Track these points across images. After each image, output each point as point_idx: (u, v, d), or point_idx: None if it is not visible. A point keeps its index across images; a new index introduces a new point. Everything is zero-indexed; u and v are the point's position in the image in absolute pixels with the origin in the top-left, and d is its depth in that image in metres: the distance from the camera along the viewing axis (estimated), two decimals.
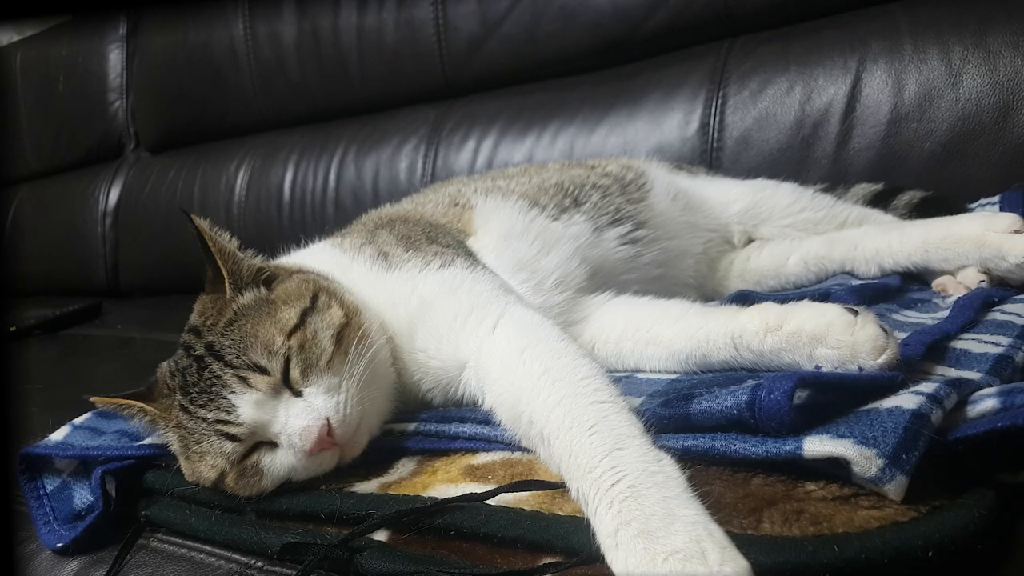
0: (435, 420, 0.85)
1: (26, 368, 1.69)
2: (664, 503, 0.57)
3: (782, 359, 0.77)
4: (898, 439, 0.57)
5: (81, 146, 3.01)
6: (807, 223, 1.27)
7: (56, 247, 3.00)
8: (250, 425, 0.78)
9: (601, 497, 0.59)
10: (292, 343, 0.80)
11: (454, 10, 2.03)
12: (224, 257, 0.86)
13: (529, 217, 1.08)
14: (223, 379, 0.79)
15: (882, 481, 0.56)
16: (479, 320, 0.85)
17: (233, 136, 2.60)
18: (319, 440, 0.77)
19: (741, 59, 1.67)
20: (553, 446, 0.68)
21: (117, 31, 2.87)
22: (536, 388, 0.72)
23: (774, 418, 0.62)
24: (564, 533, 0.62)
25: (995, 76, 1.36)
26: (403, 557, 0.65)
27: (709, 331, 0.83)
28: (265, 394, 0.78)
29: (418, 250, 0.95)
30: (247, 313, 0.84)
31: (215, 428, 0.79)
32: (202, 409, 0.80)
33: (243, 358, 0.80)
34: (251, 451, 0.80)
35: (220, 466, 0.79)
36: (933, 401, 0.62)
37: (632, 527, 0.56)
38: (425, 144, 2.10)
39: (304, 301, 0.85)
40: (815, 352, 0.74)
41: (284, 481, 0.80)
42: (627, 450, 0.62)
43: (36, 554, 0.88)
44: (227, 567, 0.76)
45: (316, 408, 0.78)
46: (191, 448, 0.81)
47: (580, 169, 1.32)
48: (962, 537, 0.53)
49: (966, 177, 1.38)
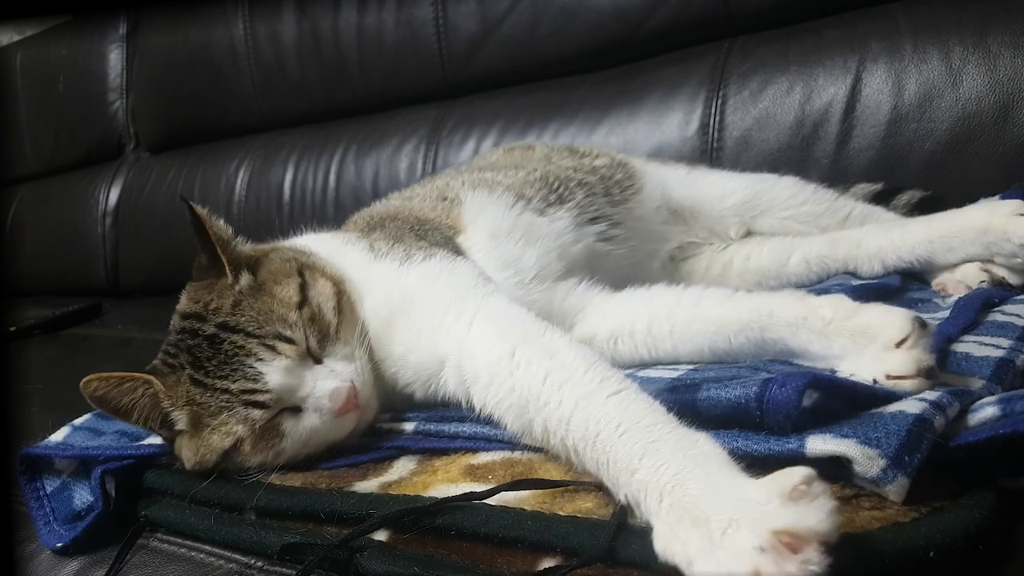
0: (435, 420, 0.85)
1: (26, 368, 1.69)
2: (708, 479, 0.57)
3: (832, 347, 0.79)
4: (901, 441, 0.57)
5: (81, 146, 3.01)
6: (808, 216, 1.26)
7: (56, 247, 2.99)
8: (278, 391, 0.82)
9: (651, 494, 0.59)
10: (304, 315, 0.85)
11: (454, 10, 2.03)
12: (223, 245, 0.89)
13: (515, 212, 1.10)
14: (247, 348, 0.82)
15: (884, 481, 0.56)
16: (456, 315, 0.85)
17: (233, 136, 2.60)
18: (347, 400, 0.83)
19: (741, 59, 1.67)
20: (584, 455, 0.67)
21: (117, 31, 2.87)
22: (543, 395, 0.71)
23: (781, 411, 0.62)
24: (565, 533, 0.61)
25: (995, 76, 1.36)
26: (403, 557, 0.65)
27: (773, 308, 0.84)
28: (293, 361, 0.83)
29: (404, 243, 0.96)
30: (249, 295, 0.87)
31: (240, 398, 0.81)
32: (223, 380, 0.82)
33: (266, 329, 0.83)
34: (272, 417, 0.83)
35: (238, 434, 0.82)
36: (936, 407, 0.62)
37: (685, 520, 0.55)
38: (425, 144, 2.10)
39: (295, 277, 0.90)
40: (868, 348, 0.75)
41: (303, 445, 0.83)
42: (661, 440, 0.62)
43: (36, 554, 0.88)
44: (227, 567, 0.76)
45: (339, 372, 0.84)
46: (204, 421, 0.83)
47: (569, 159, 1.31)
48: (963, 537, 0.53)
49: (966, 177, 1.38)
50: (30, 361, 1.86)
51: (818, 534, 0.48)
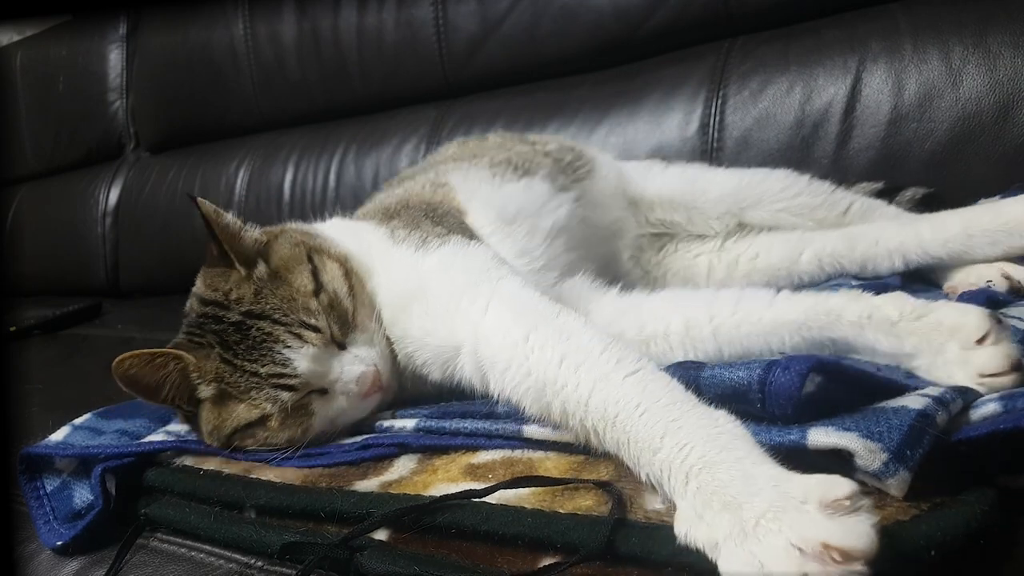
0: (437, 416, 0.85)
1: (26, 368, 1.69)
2: (737, 465, 0.56)
3: (904, 345, 0.77)
4: (903, 435, 0.57)
5: (81, 146, 3.00)
6: (803, 208, 1.22)
7: (56, 247, 2.99)
8: (306, 376, 0.86)
9: (675, 474, 0.59)
10: (323, 302, 0.89)
11: (454, 10, 2.03)
12: (232, 241, 0.91)
13: (497, 184, 1.14)
14: (275, 335, 0.86)
15: (885, 475, 0.56)
16: (471, 300, 0.85)
17: (233, 136, 2.60)
18: (373, 384, 0.89)
19: (741, 59, 1.67)
20: (604, 436, 0.67)
21: (117, 31, 2.87)
22: (559, 378, 0.72)
23: (782, 395, 0.62)
24: (565, 529, 0.61)
25: (995, 76, 1.36)
26: (403, 557, 0.65)
27: (831, 307, 0.82)
28: (320, 349, 0.87)
29: (421, 230, 0.98)
30: (268, 283, 0.90)
31: (269, 381, 0.86)
32: (252, 364, 0.86)
33: (291, 317, 0.87)
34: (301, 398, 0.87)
35: (267, 410, 0.86)
36: (939, 403, 0.62)
37: (714, 503, 0.55)
38: (425, 144, 2.10)
39: (305, 263, 0.93)
40: (946, 345, 0.73)
41: (330, 423, 0.89)
42: (683, 419, 0.62)
43: (36, 554, 0.88)
44: (227, 567, 0.76)
45: (364, 358, 0.89)
46: (232, 394, 0.87)
47: (522, 146, 1.33)
48: (964, 534, 0.53)
49: (966, 177, 1.38)
50: (30, 361, 1.86)
51: (865, 553, 0.48)
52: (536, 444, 0.77)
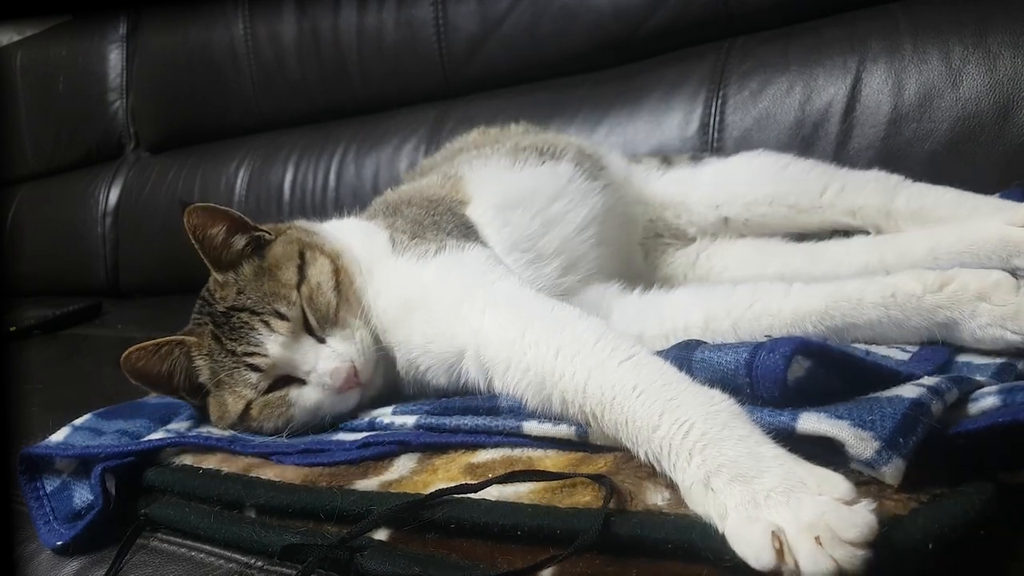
0: (437, 412, 0.85)
1: (26, 368, 1.69)
2: (743, 443, 0.58)
3: (936, 317, 0.78)
4: (896, 423, 0.57)
5: (81, 146, 3.00)
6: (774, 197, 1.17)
7: (56, 247, 2.99)
8: (275, 359, 0.91)
9: (677, 451, 0.60)
10: (303, 294, 0.92)
11: (454, 10, 2.03)
12: (214, 256, 0.96)
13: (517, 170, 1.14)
14: (250, 323, 0.92)
15: (878, 464, 0.56)
16: (470, 306, 0.87)
17: (233, 136, 2.60)
18: (347, 379, 0.90)
19: (741, 59, 1.67)
20: (603, 419, 0.68)
21: (117, 31, 2.86)
22: (556, 369, 0.73)
23: (768, 377, 0.62)
24: (564, 515, 0.62)
25: (995, 76, 1.36)
26: (403, 557, 0.65)
27: (850, 292, 0.82)
28: (287, 337, 0.91)
29: (419, 236, 0.99)
30: (252, 281, 0.95)
31: (243, 361, 0.91)
32: (232, 343, 0.92)
33: (266, 306, 0.92)
34: (280, 385, 0.92)
35: (247, 396, 0.92)
36: (934, 393, 0.62)
37: (723, 473, 0.56)
38: (425, 144, 2.10)
39: (295, 259, 0.97)
40: (978, 308, 0.75)
41: (311, 415, 0.92)
42: (680, 398, 0.63)
43: (36, 554, 0.88)
44: (227, 567, 0.76)
45: (341, 353, 0.91)
46: (220, 376, 0.93)
47: (548, 134, 1.34)
48: (962, 525, 0.52)
49: (966, 177, 1.36)
50: (30, 361, 1.86)
51: (867, 538, 0.50)
52: (536, 442, 0.77)
